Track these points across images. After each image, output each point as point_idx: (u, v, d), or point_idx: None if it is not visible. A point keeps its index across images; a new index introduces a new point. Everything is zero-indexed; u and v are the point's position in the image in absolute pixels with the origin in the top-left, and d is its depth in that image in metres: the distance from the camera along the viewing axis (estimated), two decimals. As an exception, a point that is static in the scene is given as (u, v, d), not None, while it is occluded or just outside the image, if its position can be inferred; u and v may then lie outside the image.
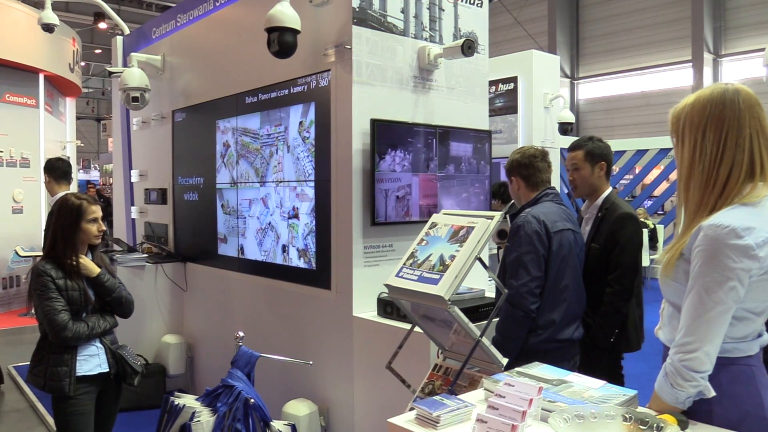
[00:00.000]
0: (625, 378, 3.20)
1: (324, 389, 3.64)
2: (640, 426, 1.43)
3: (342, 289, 3.45)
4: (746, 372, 1.64)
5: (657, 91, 18.21)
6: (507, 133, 6.94)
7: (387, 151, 3.36)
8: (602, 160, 3.11)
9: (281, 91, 3.88)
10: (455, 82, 3.78)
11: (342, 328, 3.46)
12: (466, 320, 2.11)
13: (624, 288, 2.93)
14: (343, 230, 3.42)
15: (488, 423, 1.51)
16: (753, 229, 1.55)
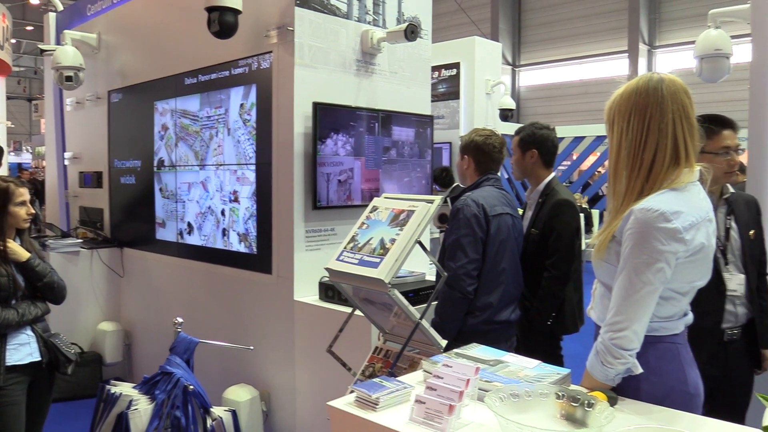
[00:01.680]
0: (564, 358, 3.29)
1: (265, 374, 3.62)
2: (571, 403, 1.48)
3: (283, 273, 3.43)
4: (672, 350, 1.71)
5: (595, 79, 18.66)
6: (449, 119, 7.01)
7: (329, 134, 3.34)
8: (533, 147, 3.13)
9: (221, 72, 3.80)
10: (398, 67, 3.78)
11: (283, 312, 3.44)
12: (405, 303, 2.13)
13: (560, 273, 3.00)
14: (284, 214, 3.39)
15: (426, 404, 1.53)
16: (681, 213, 1.61)
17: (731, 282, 2.48)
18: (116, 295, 4.95)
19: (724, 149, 2.45)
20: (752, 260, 2.57)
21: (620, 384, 1.69)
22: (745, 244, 2.55)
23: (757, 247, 2.63)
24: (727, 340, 2.48)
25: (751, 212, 2.64)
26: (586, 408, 1.45)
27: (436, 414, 1.51)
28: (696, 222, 1.63)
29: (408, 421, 1.54)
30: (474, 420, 1.54)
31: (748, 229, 2.58)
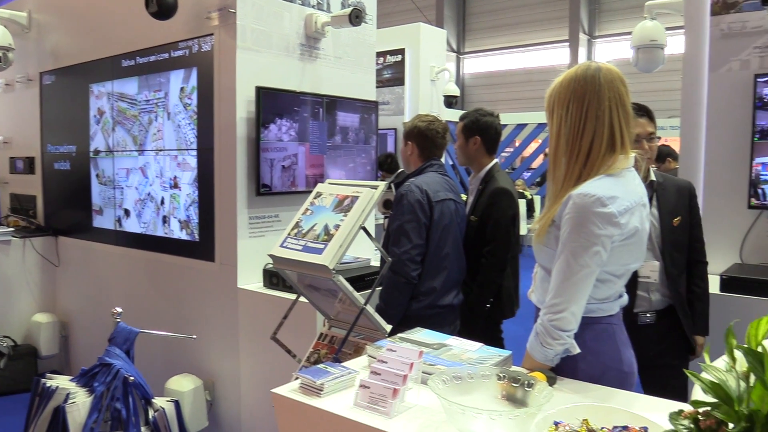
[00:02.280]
0: (505, 341, 3.37)
1: (209, 363, 3.57)
2: (512, 384, 1.51)
3: (226, 260, 3.37)
4: (608, 330, 1.77)
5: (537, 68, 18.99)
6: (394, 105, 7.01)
7: (273, 119, 3.30)
8: (477, 134, 3.15)
9: (161, 54, 3.69)
10: (343, 52, 3.76)
11: (227, 300, 3.39)
12: (350, 289, 2.13)
13: (497, 260, 3.04)
14: (227, 200, 3.33)
15: (371, 388, 1.54)
16: (616, 198, 1.66)
17: (644, 269, 2.53)
18: (51, 285, 4.78)
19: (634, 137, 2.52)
20: (675, 248, 2.59)
21: (559, 364, 1.74)
22: (665, 232, 2.58)
23: (683, 234, 2.64)
24: (641, 324, 2.54)
25: (681, 199, 2.66)
26: (526, 388, 1.48)
27: (381, 398, 1.51)
28: (630, 207, 1.68)
29: (352, 406, 1.55)
30: (418, 403, 1.56)
31: (672, 217, 2.60)
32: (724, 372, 1.13)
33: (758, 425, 1.03)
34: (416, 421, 1.47)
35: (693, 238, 2.68)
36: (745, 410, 1.06)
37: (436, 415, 1.49)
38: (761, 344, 1.09)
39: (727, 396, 1.08)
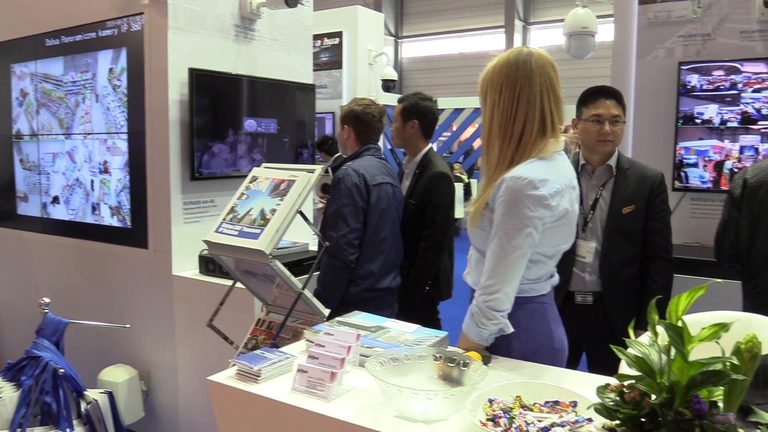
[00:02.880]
0: (442, 321, 3.42)
1: (144, 353, 3.49)
2: (448, 363, 1.54)
3: (160, 247, 3.29)
4: (540, 309, 1.83)
5: (474, 53, 19.19)
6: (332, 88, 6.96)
7: (207, 102, 3.22)
8: (414, 118, 3.17)
9: (88, 34, 3.54)
10: (278, 34, 3.69)
11: (161, 288, 3.31)
12: (287, 273, 2.11)
13: (437, 243, 3.08)
14: (160, 186, 3.24)
15: (309, 372, 1.54)
16: (547, 181, 1.70)
17: (581, 248, 2.58)
18: (-27, 275, 4.56)
19: (594, 117, 2.52)
20: (621, 235, 2.55)
21: (493, 343, 1.78)
22: (612, 217, 2.57)
23: (634, 223, 2.57)
24: (579, 303, 2.60)
25: (641, 189, 2.58)
26: (462, 367, 1.51)
27: (319, 382, 1.52)
28: (561, 189, 1.73)
29: (290, 391, 1.54)
30: (356, 385, 1.57)
31: (624, 204, 2.56)
32: (647, 346, 1.18)
33: (678, 395, 1.09)
34: (354, 404, 1.47)
35: (650, 231, 2.59)
36: (666, 382, 1.11)
37: (374, 397, 1.50)
38: (681, 319, 1.15)
39: (649, 369, 1.13)
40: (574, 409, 1.33)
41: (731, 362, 1.08)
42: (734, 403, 1.11)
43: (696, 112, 3.59)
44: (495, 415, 1.30)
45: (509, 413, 1.31)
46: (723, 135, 3.54)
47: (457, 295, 3.39)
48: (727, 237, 2.58)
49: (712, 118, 3.55)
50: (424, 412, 1.36)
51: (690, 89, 3.59)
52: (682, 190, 3.65)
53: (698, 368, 1.08)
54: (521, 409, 1.34)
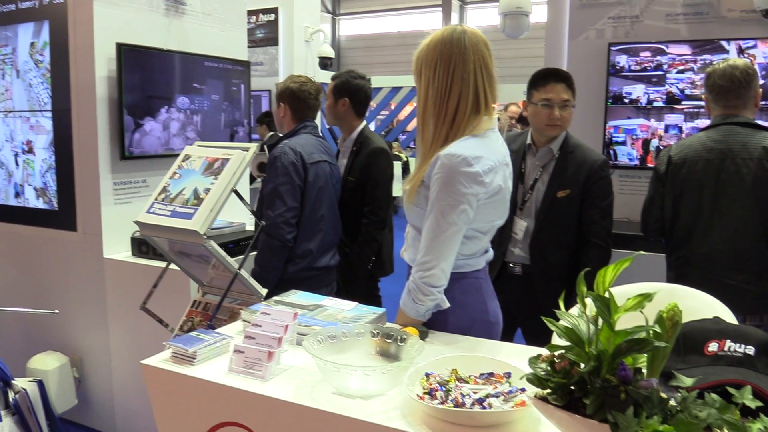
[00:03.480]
0: (382, 299, 3.45)
1: (75, 338, 3.38)
2: (386, 340, 1.55)
3: (90, 229, 3.18)
4: (475, 284, 1.86)
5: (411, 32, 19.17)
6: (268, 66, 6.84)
7: (136, 79, 3.11)
8: (345, 96, 3.15)
9: (7, 6, 3.35)
10: (211, 9, 3.59)
11: (92, 271, 3.21)
12: (223, 254, 2.08)
13: (378, 219, 3.10)
14: (88, 166, 3.12)
15: (245, 353, 1.53)
16: (481, 158, 1.72)
17: (515, 226, 2.64)
18: None
19: (544, 101, 2.55)
20: (553, 219, 2.57)
21: (430, 318, 1.81)
22: (546, 200, 2.58)
23: (569, 208, 2.57)
24: (510, 274, 2.67)
25: (578, 174, 2.58)
26: (399, 343, 1.53)
27: (256, 362, 1.50)
28: (494, 166, 1.76)
29: (227, 372, 1.53)
30: (294, 364, 1.57)
31: (559, 188, 2.56)
32: (576, 318, 1.22)
33: (605, 363, 1.13)
34: (292, 382, 1.47)
35: (586, 218, 2.59)
36: (594, 351, 1.15)
37: (312, 375, 1.50)
38: (608, 290, 1.19)
39: (578, 339, 1.17)
40: (508, 380, 1.36)
41: (654, 330, 1.13)
42: (657, 369, 1.17)
43: (624, 91, 3.70)
44: (432, 388, 1.32)
45: (445, 386, 1.33)
46: (649, 114, 3.67)
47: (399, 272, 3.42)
48: (653, 211, 2.68)
49: (639, 97, 3.67)
50: (362, 388, 1.37)
51: (619, 69, 3.69)
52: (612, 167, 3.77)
53: (624, 337, 1.13)
54: (457, 381, 1.37)
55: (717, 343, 1.37)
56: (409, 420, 1.28)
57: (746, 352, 1.34)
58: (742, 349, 1.35)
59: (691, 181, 2.54)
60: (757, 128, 2.51)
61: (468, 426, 1.24)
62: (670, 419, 1.03)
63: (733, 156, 2.47)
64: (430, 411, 1.27)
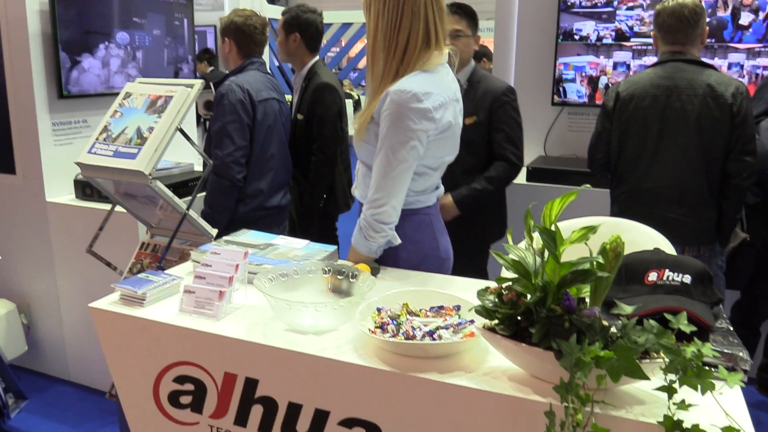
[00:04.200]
0: (340, 237, 3.45)
1: (21, 285, 3.30)
2: (337, 276, 1.56)
3: (29, 172, 3.06)
4: (426, 220, 1.88)
5: (362, -35, 18.63)
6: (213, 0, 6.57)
7: (72, 13, 2.94)
8: (296, 31, 3.08)
9: None
10: (148, -63, 3.40)
11: (34, 216, 3.11)
12: (170, 194, 2.03)
13: (327, 156, 3.06)
14: (23, 106, 2.98)
15: (196, 293, 1.51)
16: (431, 94, 1.71)
17: None
18: None
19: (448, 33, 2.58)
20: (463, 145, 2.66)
21: (382, 255, 1.82)
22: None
23: (476, 134, 2.70)
24: None
25: (484, 101, 2.72)
26: (351, 279, 1.54)
27: (207, 301, 1.50)
28: (444, 102, 1.75)
29: (178, 313, 1.52)
30: (245, 303, 1.57)
31: (467, 116, 2.60)
32: (523, 250, 1.24)
33: (550, 294, 1.16)
34: (244, 321, 1.47)
35: (493, 142, 2.76)
36: (540, 282, 1.18)
37: (264, 313, 1.50)
38: (554, 223, 1.21)
39: (525, 271, 1.20)
40: (458, 313, 1.40)
41: (597, 261, 1.16)
42: (599, 298, 1.21)
43: (575, 28, 3.70)
44: (383, 322, 1.35)
45: (397, 320, 1.36)
46: (599, 51, 3.68)
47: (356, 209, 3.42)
48: (599, 147, 2.73)
49: (589, 34, 3.67)
50: (314, 324, 1.39)
51: (570, 6, 3.67)
52: (561, 104, 3.80)
53: (569, 268, 1.16)
54: (408, 315, 1.39)
55: (656, 273, 1.43)
56: (361, 354, 1.30)
57: (683, 280, 1.40)
58: (679, 278, 1.40)
59: (638, 117, 2.58)
60: (703, 66, 2.55)
61: (419, 357, 1.27)
62: (610, 345, 1.08)
63: (678, 92, 2.51)
64: (381, 344, 1.29)
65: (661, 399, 1.10)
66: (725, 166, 2.51)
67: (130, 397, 1.61)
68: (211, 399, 1.47)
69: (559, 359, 1.07)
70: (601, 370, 1.04)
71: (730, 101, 2.44)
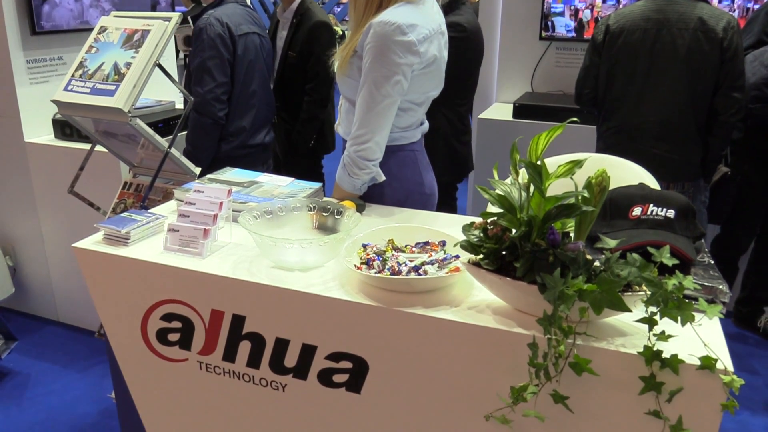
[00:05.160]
0: (326, 176, 3.43)
1: (4, 227, 3.27)
2: (322, 213, 1.56)
3: (6, 112, 2.99)
4: (410, 157, 1.86)
5: None
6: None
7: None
8: None
9: None
10: None
11: (14, 157, 3.05)
12: (150, 132, 1.99)
13: (321, 96, 3.01)
14: (-5, 42, 2.88)
15: (180, 231, 1.50)
16: (416, 26, 1.66)
17: None
18: None
19: None
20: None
21: (366, 192, 1.81)
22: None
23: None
24: None
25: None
26: (336, 216, 1.53)
27: (192, 240, 1.49)
28: (429, 35, 1.70)
29: (163, 251, 1.51)
30: (231, 241, 1.56)
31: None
32: (509, 185, 1.24)
33: (535, 228, 1.16)
34: (230, 259, 1.47)
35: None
36: (525, 217, 1.18)
37: (249, 251, 1.50)
38: (540, 158, 1.20)
39: (510, 205, 1.20)
40: (443, 248, 1.40)
41: (583, 195, 1.16)
42: (584, 232, 1.21)
43: (564, -41, 3.60)
44: (369, 258, 1.35)
45: (382, 256, 1.36)
46: (588, -17, 3.60)
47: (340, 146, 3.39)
48: (587, 81, 2.70)
49: (578, -35, 3.58)
50: (299, 261, 1.39)
51: (559, -65, 3.56)
52: (548, 39, 3.74)
53: (554, 203, 1.15)
54: (393, 251, 1.39)
55: (641, 208, 1.43)
56: (347, 289, 1.31)
57: (667, 215, 1.41)
58: (663, 213, 1.41)
59: (627, 51, 2.54)
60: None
61: (404, 293, 1.28)
62: (594, 279, 1.09)
63: (669, 26, 2.47)
64: (367, 280, 1.30)
65: (641, 331, 1.12)
66: (713, 102, 2.49)
67: (118, 336, 1.62)
68: (198, 336, 1.48)
69: (543, 293, 1.08)
70: (584, 302, 1.05)
71: (720, 36, 2.41)
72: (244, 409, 1.52)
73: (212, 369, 1.50)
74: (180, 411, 1.62)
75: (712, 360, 1.03)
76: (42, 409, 2.69)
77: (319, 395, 1.39)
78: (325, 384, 1.37)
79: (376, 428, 1.37)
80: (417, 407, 1.31)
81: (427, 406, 1.29)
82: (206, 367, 1.50)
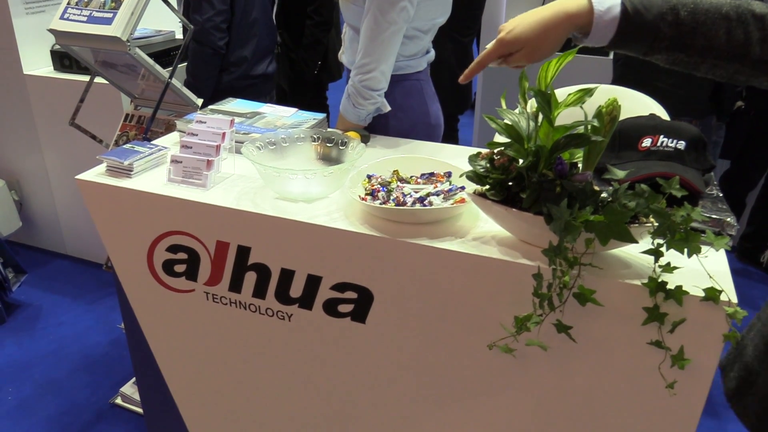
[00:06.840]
0: (330, 108, 3.38)
1: (7, 162, 3.26)
2: (327, 144, 1.53)
3: (3, 44, 2.93)
4: (416, 86, 1.81)
5: None
6: None
7: None
8: None
9: None
10: None
11: (14, 90, 3.01)
12: (150, 62, 1.95)
13: (323, 19, 2.92)
14: (-12, -31, 2.80)
15: (183, 162, 1.49)
16: None
17: None
18: None
19: None
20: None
21: (371, 122, 1.78)
22: None
23: None
24: None
25: None
26: (340, 147, 1.51)
27: (195, 171, 1.47)
28: (437, -43, 1.63)
29: (166, 183, 1.50)
30: (234, 172, 1.55)
31: None
32: (517, 114, 1.21)
33: (543, 159, 1.14)
34: (234, 189, 1.46)
35: None
36: (533, 146, 1.15)
37: (253, 182, 1.49)
38: (549, 86, 1.17)
39: (518, 135, 1.17)
40: (448, 179, 1.38)
41: (592, 125, 1.13)
42: (592, 163, 1.19)
43: None
44: (374, 189, 1.33)
45: (387, 187, 1.34)
46: None
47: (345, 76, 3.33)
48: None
49: None
50: (304, 192, 1.37)
51: None
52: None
53: (563, 132, 1.13)
54: (399, 182, 1.38)
55: (651, 139, 1.40)
56: (351, 220, 1.30)
57: (677, 146, 1.38)
58: (673, 144, 1.38)
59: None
60: None
61: (410, 223, 1.27)
62: (601, 210, 1.07)
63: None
64: (372, 210, 1.29)
65: (647, 262, 1.11)
66: None
67: (125, 267, 1.63)
68: (204, 267, 1.48)
69: (549, 224, 1.07)
70: (590, 233, 1.04)
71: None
72: (251, 338, 1.54)
73: (219, 299, 1.51)
74: (188, 341, 1.65)
75: (716, 291, 1.02)
76: (53, 340, 2.75)
77: (325, 325, 1.40)
78: (331, 314, 1.38)
79: (381, 358, 1.40)
80: (421, 337, 1.32)
81: (431, 336, 1.31)
82: (213, 298, 1.52)
